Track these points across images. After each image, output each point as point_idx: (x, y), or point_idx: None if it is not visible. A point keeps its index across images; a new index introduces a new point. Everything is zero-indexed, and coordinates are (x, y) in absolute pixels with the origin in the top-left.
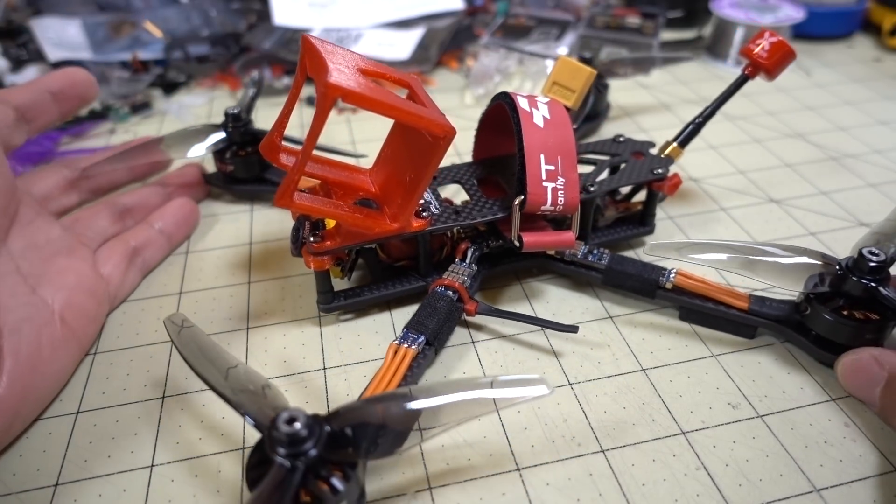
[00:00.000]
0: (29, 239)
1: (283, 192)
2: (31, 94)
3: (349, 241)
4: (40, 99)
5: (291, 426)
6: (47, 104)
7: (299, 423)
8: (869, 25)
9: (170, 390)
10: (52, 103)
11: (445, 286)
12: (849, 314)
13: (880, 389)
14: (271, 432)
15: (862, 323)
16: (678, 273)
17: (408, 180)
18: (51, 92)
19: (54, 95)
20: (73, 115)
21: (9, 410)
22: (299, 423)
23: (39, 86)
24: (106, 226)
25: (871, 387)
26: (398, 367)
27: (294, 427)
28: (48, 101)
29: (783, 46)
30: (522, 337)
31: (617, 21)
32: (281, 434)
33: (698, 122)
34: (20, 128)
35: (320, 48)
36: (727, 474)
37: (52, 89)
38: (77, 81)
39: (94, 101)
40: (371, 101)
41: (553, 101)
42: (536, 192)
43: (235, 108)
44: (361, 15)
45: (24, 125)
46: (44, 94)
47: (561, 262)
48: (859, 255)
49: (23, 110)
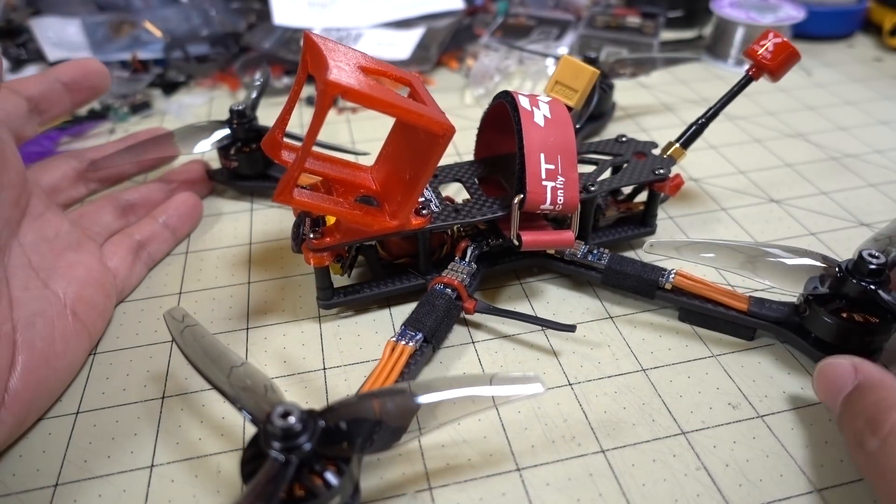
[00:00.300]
0: (39, 232)
1: (283, 188)
2: (44, 84)
3: (349, 238)
4: (53, 89)
5: (286, 420)
6: (60, 94)
7: (294, 418)
8: (869, 25)
9: (170, 390)
10: (65, 94)
11: (444, 284)
12: (848, 317)
13: (843, 396)
14: (266, 426)
15: (861, 326)
16: (678, 274)
17: (407, 178)
18: (63, 82)
19: (66, 86)
20: (85, 105)
21: (24, 403)
22: (294, 417)
23: (52, 76)
24: (110, 221)
25: (837, 393)
26: (395, 363)
27: (288, 421)
28: (61, 92)
29: (787, 47)
30: (522, 337)
31: (617, 21)
32: (275, 428)
33: (701, 122)
34: (32, 119)
35: (322, 45)
36: (727, 474)
37: (64, 79)
38: (90, 71)
39: (107, 91)
40: (370, 99)
41: (554, 101)
42: (536, 191)
43: (240, 105)
44: (361, 15)
45: (36, 116)
46: (56, 85)
47: (561, 261)
48: (859, 258)
49: (35, 101)
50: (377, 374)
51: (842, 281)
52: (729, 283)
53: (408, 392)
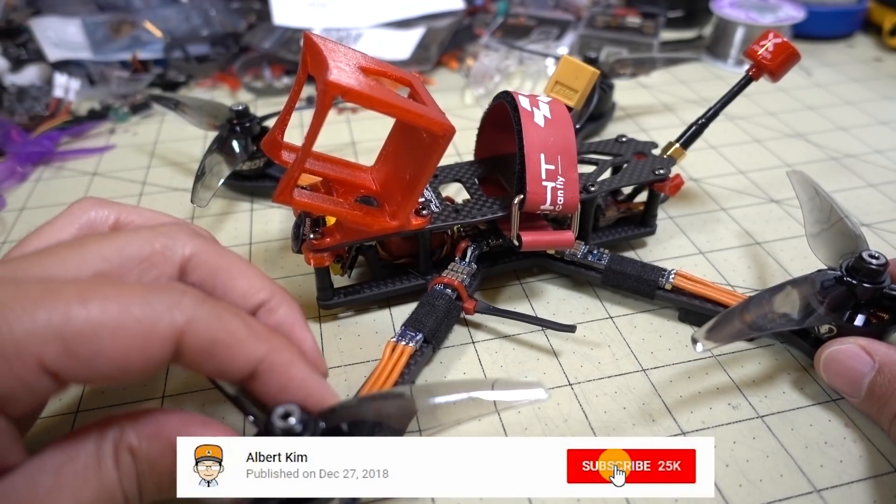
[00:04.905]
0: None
1: (283, 188)
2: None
3: (348, 238)
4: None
5: (286, 421)
6: None
7: (294, 419)
8: (869, 25)
9: (169, 390)
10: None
11: (444, 284)
12: (878, 320)
13: (869, 380)
14: (267, 427)
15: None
16: (678, 274)
17: (407, 178)
18: None
19: None
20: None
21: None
22: (294, 418)
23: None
24: None
25: (857, 377)
26: (395, 364)
27: (289, 422)
28: None
29: (787, 48)
30: (523, 337)
31: (617, 21)
32: (276, 429)
33: (701, 123)
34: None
35: (322, 46)
36: (727, 474)
37: None
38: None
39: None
40: (370, 99)
41: (554, 101)
42: (536, 192)
43: (240, 105)
44: (361, 15)
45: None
46: None
47: (561, 261)
48: (859, 261)
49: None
50: (377, 374)
51: (851, 290)
52: (729, 284)
53: (408, 395)
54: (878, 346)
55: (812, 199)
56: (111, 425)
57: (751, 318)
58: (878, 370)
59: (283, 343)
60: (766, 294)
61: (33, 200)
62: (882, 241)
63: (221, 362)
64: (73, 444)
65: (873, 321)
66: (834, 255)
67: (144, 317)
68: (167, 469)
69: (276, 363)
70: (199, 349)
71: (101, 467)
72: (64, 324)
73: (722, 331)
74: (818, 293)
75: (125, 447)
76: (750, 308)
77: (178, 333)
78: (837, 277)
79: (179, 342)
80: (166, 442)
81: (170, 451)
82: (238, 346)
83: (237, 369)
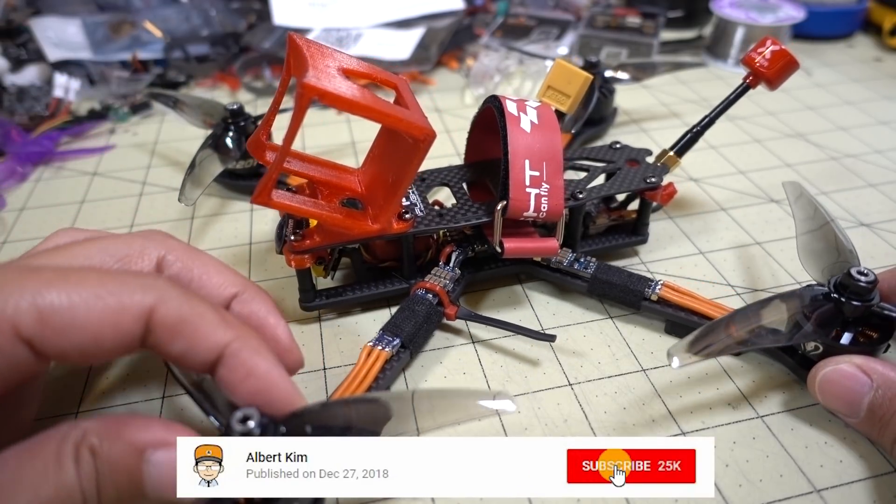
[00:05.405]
0: None
1: (261, 189)
2: None
3: (329, 241)
4: None
5: (245, 425)
6: None
7: (253, 422)
8: (869, 25)
9: (169, 391)
10: None
11: (426, 289)
12: (866, 338)
13: (868, 400)
14: (227, 430)
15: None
16: (664, 285)
17: (390, 181)
18: None
19: None
20: None
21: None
22: (253, 422)
23: None
24: None
25: (856, 398)
26: (370, 369)
27: (247, 426)
28: None
29: (785, 55)
30: (523, 336)
31: (617, 21)
32: (234, 433)
33: (696, 130)
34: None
35: (304, 48)
36: (727, 475)
37: None
38: None
39: None
40: (348, 102)
41: (543, 106)
42: (519, 198)
43: (234, 104)
44: (361, 15)
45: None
46: None
47: (547, 268)
48: (847, 279)
49: None
50: (350, 379)
51: (839, 307)
52: (729, 284)
53: (382, 400)
54: (875, 365)
55: (805, 210)
56: (74, 427)
57: (736, 331)
58: (877, 390)
59: (251, 333)
60: (753, 308)
61: (33, 200)
62: (882, 241)
63: (188, 343)
64: (36, 442)
65: (861, 339)
66: (824, 270)
67: (118, 291)
68: (127, 471)
69: (242, 348)
70: (168, 326)
71: (61, 466)
72: (40, 294)
73: (704, 344)
74: (806, 308)
75: (86, 447)
76: (735, 321)
77: (149, 310)
78: (825, 294)
79: (149, 320)
80: (127, 443)
81: (130, 453)
82: (205, 327)
83: (203, 351)
